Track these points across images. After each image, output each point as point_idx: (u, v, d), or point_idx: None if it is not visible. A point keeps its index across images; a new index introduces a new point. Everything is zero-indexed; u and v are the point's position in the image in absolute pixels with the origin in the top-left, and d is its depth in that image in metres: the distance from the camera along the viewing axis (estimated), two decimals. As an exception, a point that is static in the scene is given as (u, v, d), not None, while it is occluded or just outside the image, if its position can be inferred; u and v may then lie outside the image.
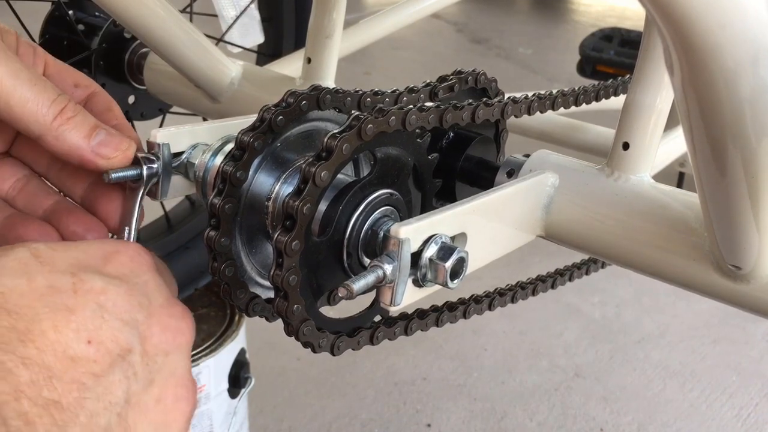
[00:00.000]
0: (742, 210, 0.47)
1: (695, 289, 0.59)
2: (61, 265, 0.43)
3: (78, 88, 0.59)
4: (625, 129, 0.65)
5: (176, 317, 0.46)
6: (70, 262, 0.43)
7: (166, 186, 0.59)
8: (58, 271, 0.42)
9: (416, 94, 0.67)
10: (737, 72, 0.37)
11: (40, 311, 0.40)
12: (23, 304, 0.40)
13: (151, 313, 0.45)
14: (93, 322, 0.41)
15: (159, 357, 0.44)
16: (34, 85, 0.51)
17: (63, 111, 0.52)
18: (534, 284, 0.77)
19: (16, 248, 0.43)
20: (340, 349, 0.56)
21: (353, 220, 0.54)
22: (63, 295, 0.41)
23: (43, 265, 0.42)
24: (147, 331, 0.44)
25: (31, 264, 0.42)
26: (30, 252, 0.42)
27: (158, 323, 0.45)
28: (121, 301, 0.43)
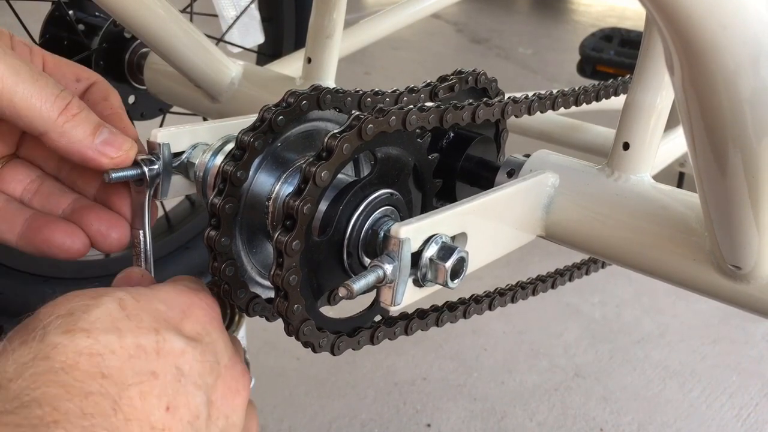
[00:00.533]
0: (742, 210, 0.47)
1: (695, 289, 0.59)
2: (146, 321, 0.44)
3: (79, 82, 0.59)
4: (626, 129, 0.65)
5: (238, 377, 0.48)
6: (154, 316, 0.44)
7: (166, 186, 0.59)
8: (144, 327, 0.43)
9: (416, 94, 0.67)
10: (738, 72, 0.37)
11: (129, 376, 0.41)
12: (115, 366, 0.40)
13: (219, 375, 0.46)
14: (172, 387, 0.42)
15: (220, 421, 0.46)
16: (36, 81, 0.51)
17: (68, 107, 0.52)
18: (534, 284, 0.77)
19: (102, 298, 0.43)
20: (341, 349, 0.56)
21: (353, 220, 0.54)
22: (148, 357, 0.42)
23: (131, 320, 0.43)
24: (213, 395, 0.45)
25: (119, 319, 0.43)
26: (118, 304, 0.43)
27: (223, 385, 0.46)
28: (197, 365, 0.44)
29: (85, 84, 0.59)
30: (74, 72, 0.59)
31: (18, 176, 0.58)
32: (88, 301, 0.43)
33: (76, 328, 0.41)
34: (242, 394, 0.48)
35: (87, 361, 0.40)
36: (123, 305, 0.43)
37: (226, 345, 0.48)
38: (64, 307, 0.43)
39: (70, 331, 0.40)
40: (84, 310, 0.42)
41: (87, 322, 0.41)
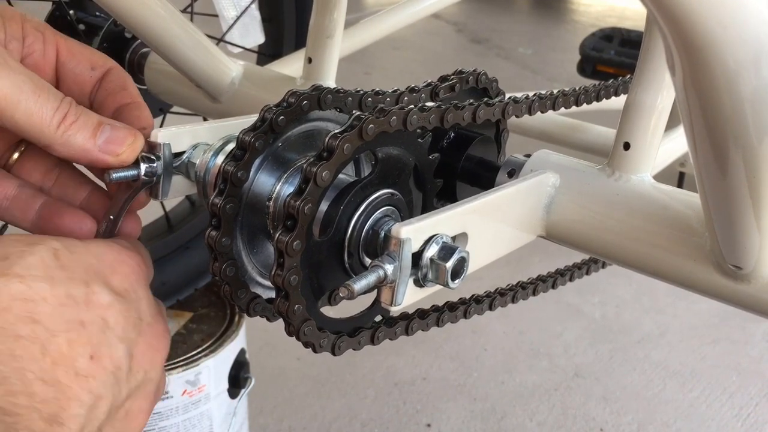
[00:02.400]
0: (743, 210, 0.47)
1: (696, 289, 0.59)
2: (77, 272, 0.45)
3: (95, 70, 0.58)
4: (626, 129, 0.65)
5: (159, 336, 0.50)
6: (85, 268, 0.46)
7: (166, 186, 0.59)
8: (75, 278, 0.45)
9: (417, 93, 0.67)
10: (739, 72, 0.37)
11: (58, 324, 0.43)
12: (45, 313, 0.42)
13: (141, 331, 0.48)
14: (97, 337, 0.44)
15: (139, 374, 0.47)
16: (38, 97, 0.51)
17: (66, 117, 0.52)
18: (534, 284, 0.77)
19: (38, 246, 0.45)
20: (341, 349, 0.56)
21: (354, 220, 0.54)
22: (78, 307, 0.44)
23: (63, 270, 0.44)
24: (135, 349, 0.47)
25: (53, 267, 0.44)
26: (52, 254, 0.45)
27: (144, 342, 0.48)
28: (121, 319, 0.46)
29: (100, 72, 0.58)
30: (89, 59, 0.58)
31: (37, 163, 0.58)
32: (23, 248, 0.44)
33: (11, 273, 0.42)
34: (161, 353, 0.50)
35: (19, 306, 0.41)
36: (57, 255, 0.45)
37: (149, 304, 0.50)
38: (1, 249, 0.44)
39: (4, 275, 0.42)
40: (19, 256, 0.43)
41: (22, 268, 0.43)
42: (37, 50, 0.56)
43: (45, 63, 0.57)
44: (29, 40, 0.56)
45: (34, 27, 0.56)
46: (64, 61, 0.57)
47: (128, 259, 0.50)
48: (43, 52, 0.56)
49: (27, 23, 0.56)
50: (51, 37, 0.57)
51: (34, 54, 0.56)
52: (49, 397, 0.41)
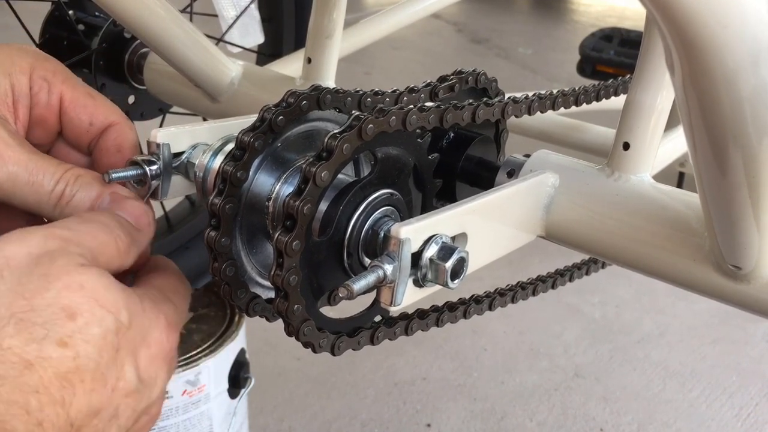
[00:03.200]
0: (742, 210, 0.47)
1: (695, 289, 0.59)
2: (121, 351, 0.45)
3: (92, 126, 0.58)
4: (626, 129, 0.65)
5: (150, 422, 0.49)
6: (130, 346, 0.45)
7: (166, 186, 0.59)
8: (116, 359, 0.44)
9: (416, 94, 0.66)
10: (738, 71, 0.37)
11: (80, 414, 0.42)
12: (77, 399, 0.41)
13: (138, 421, 0.47)
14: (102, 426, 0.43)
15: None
16: (32, 185, 0.52)
17: (62, 197, 0.53)
18: (534, 284, 0.77)
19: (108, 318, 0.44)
20: (341, 349, 0.56)
21: (354, 220, 0.54)
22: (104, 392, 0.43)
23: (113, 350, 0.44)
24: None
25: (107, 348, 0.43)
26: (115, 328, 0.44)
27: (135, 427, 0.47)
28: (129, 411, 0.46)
29: (98, 128, 0.58)
30: (90, 113, 0.58)
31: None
32: (94, 310, 0.43)
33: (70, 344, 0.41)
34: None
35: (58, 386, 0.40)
36: (118, 331, 0.44)
37: (161, 393, 0.49)
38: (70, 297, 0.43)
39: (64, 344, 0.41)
40: (86, 322, 0.43)
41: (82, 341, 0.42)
42: (42, 101, 0.57)
43: (49, 113, 0.57)
44: (35, 90, 0.57)
45: (42, 77, 0.57)
46: (65, 111, 0.58)
47: (167, 344, 0.48)
48: (47, 102, 0.57)
49: (36, 72, 0.56)
50: (57, 87, 0.57)
51: (39, 105, 0.57)
52: None
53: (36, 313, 0.41)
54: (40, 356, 0.40)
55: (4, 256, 0.43)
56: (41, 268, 0.43)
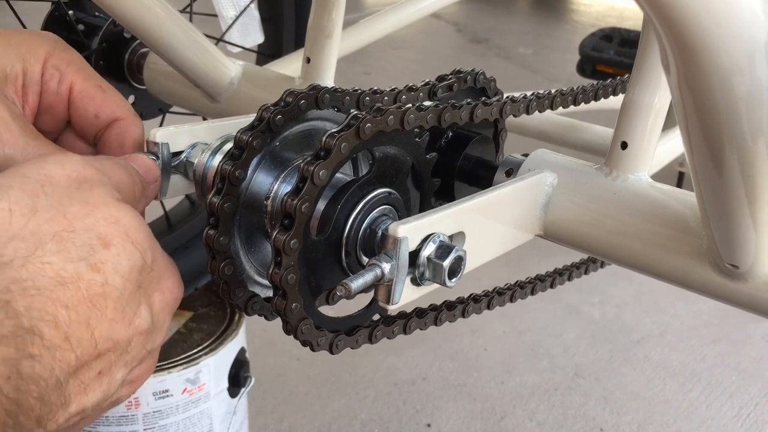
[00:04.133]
0: (738, 209, 0.47)
1: (693, 288, 0.60)
2: (141, 288, 0.45)
3: (98, 118, 0.59)
4: (624, 128, 0.65)
5: (151, 369, 0.50)
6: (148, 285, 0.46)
7: (165, 185, 0.59)
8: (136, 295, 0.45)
9: (415, 93, 0.67)
10: (733, 71, 0.37)
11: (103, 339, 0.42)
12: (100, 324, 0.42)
13: (142, 361, 0.48)
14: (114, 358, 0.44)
15: (115, 396, 0.47)
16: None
17: None
18: (533, 284, 0.77)
19: (137, 254, 0.45)
20: (339, 348, 0.56)
21: (352, 219, 0.54)
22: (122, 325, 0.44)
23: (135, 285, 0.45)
24: (128, 376, 0.47)
25: (131, 282, 0.44)
26: (141, 266, 0.45)
27: (138, 371, 0.48)
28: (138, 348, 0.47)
29: (104, 121, 0.59)
30: (97, 106, 0.59)
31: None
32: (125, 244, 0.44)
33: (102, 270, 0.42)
34: (142, 382, 0.50)
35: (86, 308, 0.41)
36: (143, 269, 0.45)
37: (162, 339, 0.50)
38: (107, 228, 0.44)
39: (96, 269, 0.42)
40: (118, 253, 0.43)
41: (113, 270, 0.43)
42: (52, 88, 0.58)
43: (58, 101, 0.58)
44: (46, 78, 0.57)
45: (55, 65, 0.58)
46: (74, 101, 0.59)
47: (177, 291, 0.50)
48: (57, 90, 0.58)
49: (50, 60, 0.57)
50: (68, 76, 0.58)
51: (49, 92, 0.58)
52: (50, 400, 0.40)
53: (76, 234, 0.42)
54: (74, 276, 0.41)
55: (46, 174, 0.44)
56: (82, 193, 0.44)
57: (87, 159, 0.48)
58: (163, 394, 1.12)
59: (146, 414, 1.13)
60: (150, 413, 1.13)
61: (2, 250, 0.40)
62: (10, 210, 0.41)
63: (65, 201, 0.43)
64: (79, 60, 0.59)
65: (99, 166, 0.48)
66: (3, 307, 0.38)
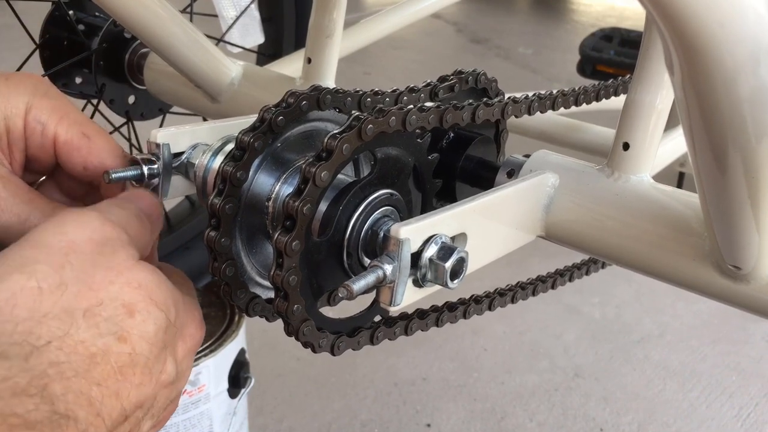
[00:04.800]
0: (741, 210, 0.47)
1: (695, 289, 0.59)
2: (167, 348, 0.46)
3: (87, 171, 0.58)
4: (626, 129, 0.65)
5: (171, 412, 0.50)
6: (172, 340, 0.47)
7: (166, 186, 0.59)
8: (161, 356, 0.45)
9: (416, 93, 0.66)
10: (737, 71, 0.37)
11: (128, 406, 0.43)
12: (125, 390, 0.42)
13: (164, 408, 0.48)
14: (140, 414, 0.45)
15: None
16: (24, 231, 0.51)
17: None
18: (534, 284, 0.77)
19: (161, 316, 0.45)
20: (340, 349, 0.56)
21: (353, 221, 0.54)
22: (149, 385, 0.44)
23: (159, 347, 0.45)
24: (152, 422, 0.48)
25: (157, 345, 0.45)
26: (165, 327, 0.45)
27: (160, 416, 0.48)
28: (163, 401, 0.47)
29: (93, 173, 0.58)
30: (83, 158, 0.57)
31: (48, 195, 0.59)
32: (149, 308, 0.44)
33: (128, 339, 0.43)
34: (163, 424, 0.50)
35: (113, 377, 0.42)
36: (168, 329, 0.46)
37: (187, 379, 0.51)
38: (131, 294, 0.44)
39: (123, 339, 0.42)
40: (143, 320, 0.44)
41: (138, 338, 0.43)
42: (36, 143, 0.56)
43: (43, 153, 0.57)
44: (29, 133, 0.56)
45: (36, 119, 0.56)
46: (59, 153, 0.57)
47: (198, 336, 0.51)
48: (41, 144, 0.56)
49: (31, 113, 0.55)
50: (51, 128, 0.56)
51: (33, 146, 0.57)
52: None
53: (103, 307, 0.42)
54: (104, 350, 0.41)
55: (69, 240, 0.44)
56: (105, 259, 0.44)
57: (103, 214, 0.47)
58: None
59: (146, 415, 1.12)
60: (150, 414, 1.13)
61: (39, 332, 0.40)
62: (39, 288, 0.41)
63: (90, 270, 0.43)
64: (62, 105, 0.57)
65: (116, 220, 0.47)
66: (40, 393, 0.38)
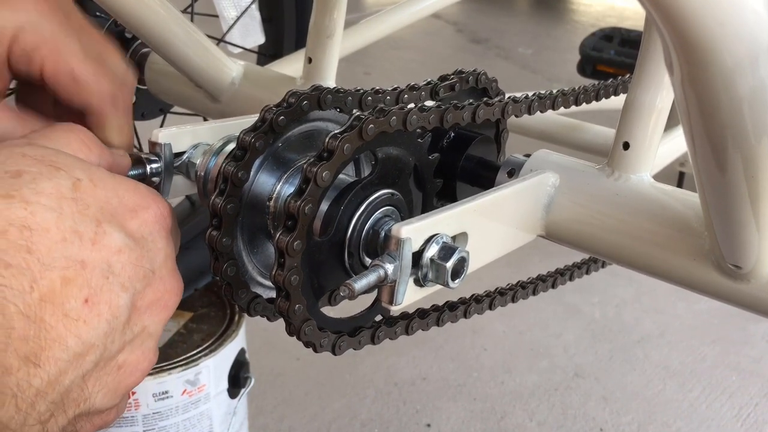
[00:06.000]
0: (741, 209, 0.47)
1: (695, 289, 0.60)
2: (92, 207, 0.43)
3: (72, 105, 0.58)
4: (626, 128, 0.65)
5: (169, 292, 0.47)
6: (102, 204, 0.43)
7: (167, 186, 0.59)
8: (88, 214, 0.42)
9: (417, 92, 0.67)
10: (736, 71, 0.37)
11: (55, 259, 0.40)
12: (44, 245, 0.40)
13: (150, 283, 0.45)
14: (97, 282, 0.41)
15: (137, 327, 0.45)
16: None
17: None
18: (534, 284, 0.77)
19: (59, 172, 0.42)
20: (342, 349, 0.56)
21: (354, 220, 0.54)
22: (82, 245, 0.41)
23: (77, 204, 0.42)
24: (139, 301, 0.45)
25: (67, 198, 0.42)
26: (71, 183, 0.42)
27: (152, 295, 0.45)
28: (129, 267, 0.43)
29: (77, 110, 0.57)
30: (69, 95, 0.56)
31: None
32: (42, 169, 0.42)
33: (16, 195, 0.40)
34: (168, 311, 0.47)
35: (16, 232, 0.39)
36: (76, 186, 0.42)
37: (167, 258, 0.47)
38: (14, 163, 0.42)
39: (9, 196, 0.40)
40: (33, 177, 0.41)
41: (31, 192, 0.40)
42: (22, 70, 0.56)
43: (31, 79, 0.56)
44: (13, 61, 0.55)
45: (22, 50, 0.55)
46: (47, 85, 0.56)
47: (154, 205, 0.47)
48: (27, 72, 0.56)
49: (17, 43, 0.54)
50: (36, 62, 0.55)
51: (21, 75, 0.56)
52: (29, 335, 0.38)
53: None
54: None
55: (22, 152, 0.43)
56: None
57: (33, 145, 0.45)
58: (162, 395, 1.12)
59: (146, 415, 1.13)
60: (150, 414, 1.13)
61: None
62: None
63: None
64: (50, 40, 0.55)
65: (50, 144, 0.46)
66: None
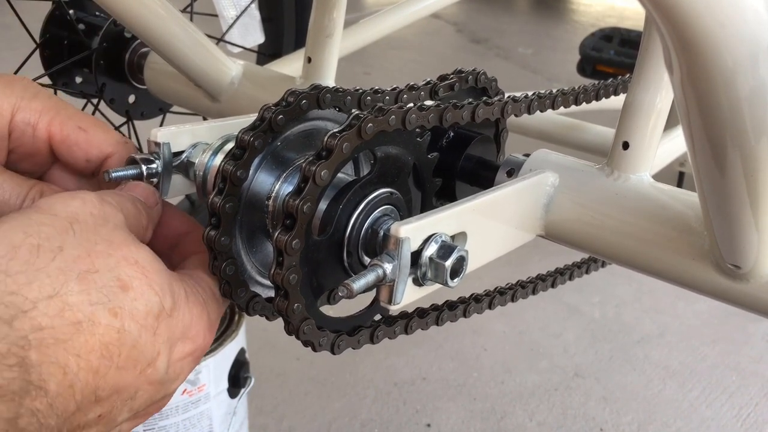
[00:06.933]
0: (741, 209, 0.47)
1: (695, 288, 0.60)
2: (159, 337, 0.45)
3: (89, 162, 0.58)
4: (625, 128, 0.65)
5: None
6: (168, 336, 0.45)
7: (166, 185, 0.59)
8: (154, 344, 0.44)
9: (416, 92, 0.67)
10: (736, 71, 0.37)
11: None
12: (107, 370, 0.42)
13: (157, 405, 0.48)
14: (114, 404, 0.43)
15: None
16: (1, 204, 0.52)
17: None
18: (534, 283, 0.77)
19: (155, 298, 0.44)
20: (341, 348, 0.56)
21: (353, 219, 0.54)
22: (135, 371, 0.43)
23: (153, 334, 0.44)
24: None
25: (146, 328, 0.44)
26: (158, 311, 0.45)
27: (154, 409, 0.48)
28: (146, 398, 0.46)
29: (95, 163, 0.57)
30: (84, 151, 0.56)
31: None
32: (143, 287, 0.43)
33: (120, 314, 0.42)
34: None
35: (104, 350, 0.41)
36: (160, 315, 0.44)
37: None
38: (122, 270, 0.43)
39: (114, 314, 0.41)
40: (135, 297, 0.43)
41: (129, 315, 0.42)
42: (27, 143, 0.56)
43: (37, 152, 0.56)
44: (17, 135, 0.55)
45: (25, 120, 0.55)
46: (58, 150, 0.56)
47: (203, 332, 0.49)
48: (33, 144, 0.56)
49: (19, 115, 0.54)
50: (43, 127, 0.55)
51: (25, 146, 0.56)
52: None
53: (98, 275, 0.41)
54: (90, 319, 0.40)
55: (72, 212, 0.44)
56: (105, 232, 0.44)
57: (100, 195, 0.47)
58: (163, 394, 1.12)
59: (146, 414, 1.13)
60: (150, 413, 1.13)
61: (27, 292, 0.38)
62: (38, 245, 0.40)
63: (91, 239, 0.43)
64: (53, 104, 0.56)
65: (112, 201, 0.47)
66: (19, 363, 0.37)
